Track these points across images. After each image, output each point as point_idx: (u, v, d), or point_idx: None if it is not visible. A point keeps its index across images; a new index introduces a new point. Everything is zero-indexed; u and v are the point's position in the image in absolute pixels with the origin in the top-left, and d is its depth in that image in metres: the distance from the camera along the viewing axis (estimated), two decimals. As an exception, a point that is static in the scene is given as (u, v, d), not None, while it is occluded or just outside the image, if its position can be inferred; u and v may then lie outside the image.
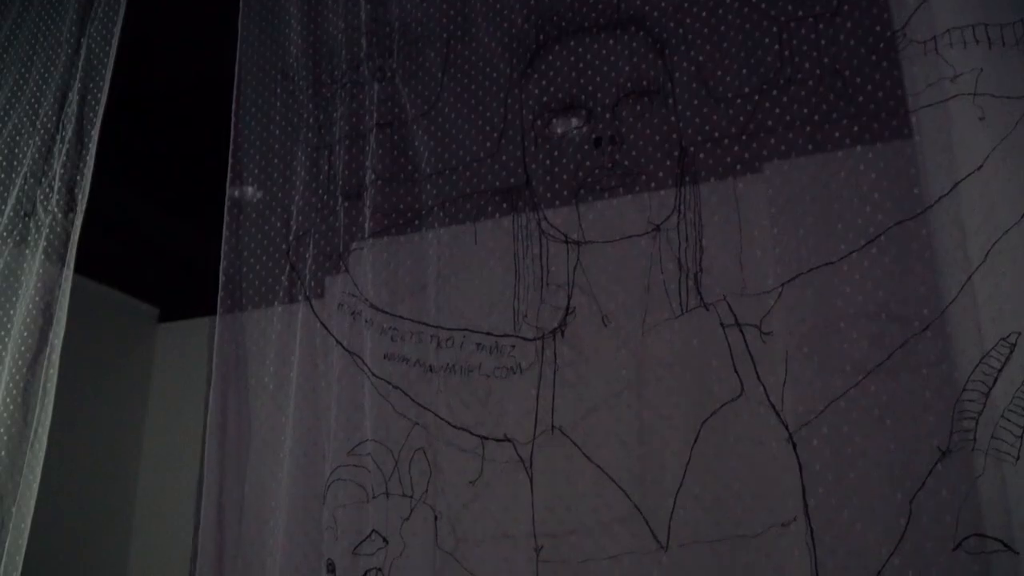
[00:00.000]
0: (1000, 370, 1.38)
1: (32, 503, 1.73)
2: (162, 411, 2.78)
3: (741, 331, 1.55)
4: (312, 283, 1.87)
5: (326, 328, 1.84)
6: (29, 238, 1.87)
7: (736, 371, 1.54)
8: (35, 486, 1.74)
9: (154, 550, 2.62)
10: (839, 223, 1.53)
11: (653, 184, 1.67)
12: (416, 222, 1.84)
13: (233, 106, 2.01)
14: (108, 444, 2.67)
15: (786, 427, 1.48)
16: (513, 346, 1.69)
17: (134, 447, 2.75)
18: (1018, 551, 1.31)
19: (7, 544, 1.71)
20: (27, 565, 1.72)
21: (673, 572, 1.48)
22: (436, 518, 1.65)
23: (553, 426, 1.62)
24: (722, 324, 1.57)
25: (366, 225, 1.85)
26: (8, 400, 1.79)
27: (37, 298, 1.84)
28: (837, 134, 1.56)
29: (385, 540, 1.66)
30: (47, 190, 1.89)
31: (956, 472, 1.37)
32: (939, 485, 1.38)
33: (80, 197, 1.86)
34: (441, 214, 1.82)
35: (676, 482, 1.52)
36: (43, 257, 1.85)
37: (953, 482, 1.37)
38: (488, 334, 1.72)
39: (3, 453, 1.77)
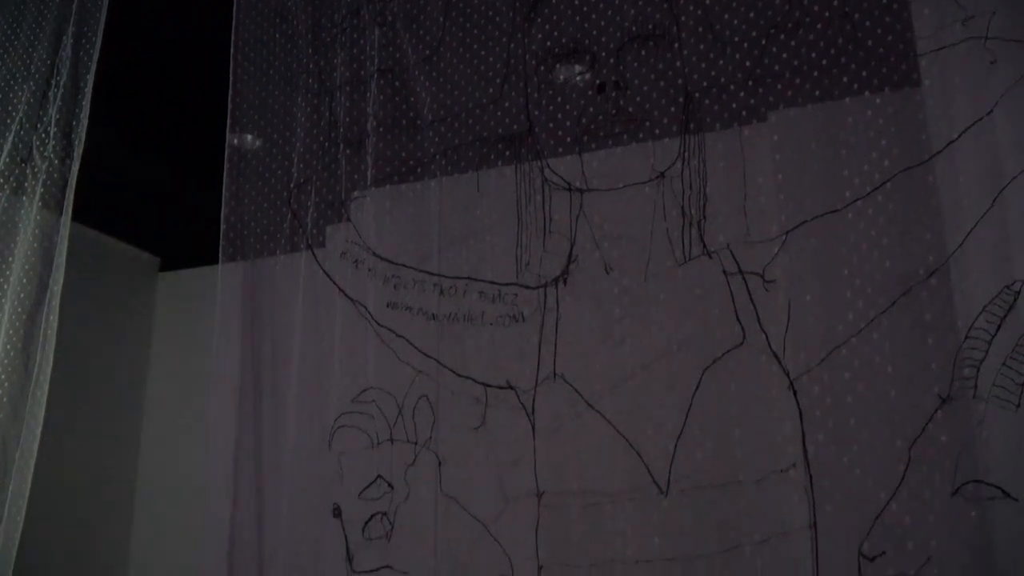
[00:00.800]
0: (1003, 318, 1.38)
1: (35, 447, 1.74)
2: (165, 360, 2.79)
3: (744, 279, 1.55)
4: (314, 231, 1.86)
5: (329, 276, 1.83)
6: (26, 184, 1.85)
7: (738, 319, 1.54)
8: (38, 431, 1.75)
9: (159, 497, 2.65)
10: (845, 170, 1.51)
11: (657, 131, 1.66)
12: (419, 170, 1.83)
13: (231, 50, 1.98)
14: (112, 392, 2.69)
15: (787, 375, 1.48)
16: (515, 294, 1.69)
17: (138, 395, 2.76)
18: (1017, 498, 1.32)
19: (11, 489, 1.73)
20: (30, 511, 1.75)
21: (673, 516, 1.50)
22: (440, 464, 1.67)
23: (555, 373, 1.62)
24: (725, 272, 1.56)
25: (368, 173, 1.84)
26: (9, 347, 1.80)
27: (36, 245, 1.83)
28: (845, 79, 1.53)
29: (390, 485, 1.68)
30: (43, 136, 1.87)
31: (956, 419, 1.38)
32: (939, 432, 1.39)
33: (77, 143, 1.84)
34: (443, 162, 1.80)
35: (677, 428, 1.53)
36: (40, 204, 1.84)
37: (953, 429, 1.38)
38: (491, 282, 1.72)
39: (5, 399, 1.78)
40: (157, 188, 2.70)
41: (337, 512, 1.70)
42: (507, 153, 1.77)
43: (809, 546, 1.41)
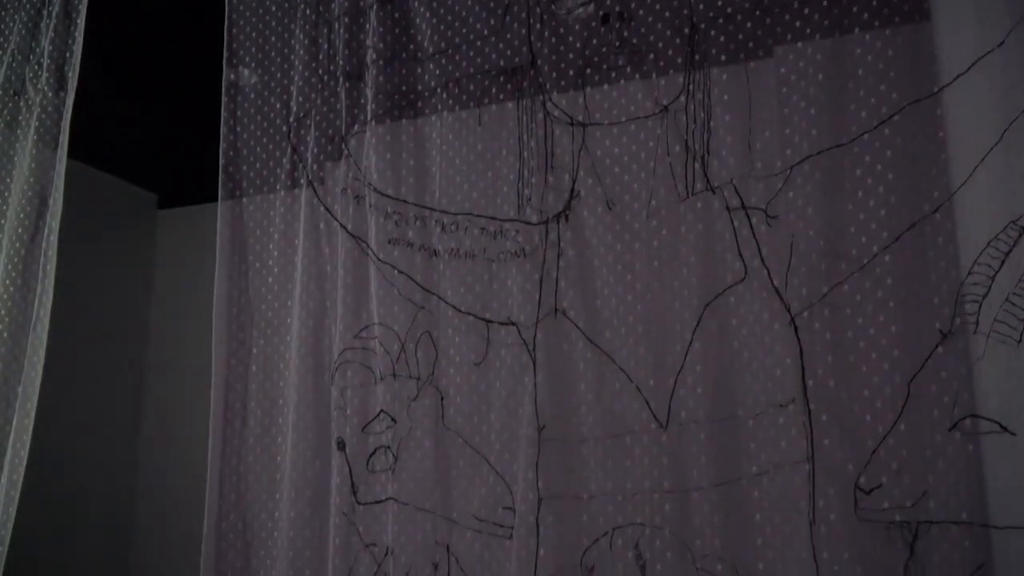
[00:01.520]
0: (1008, 253, 1.37)
1: (37, 383, 1.76)
2: (166, 298, 2.79)
3: (747, 214, 1.54)
4: (315, 167, 1.85)
5: (330, 212, 1.82)
6: (20, 118, 1.83)
7: (740, 255, 1.53)
8: (39, 367, 1.76)
9: (164, 432, 2.68)
10: (852, 104, 1.49)
11: (662, 63, 1.63)
12: (419, 104, 1.81)
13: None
14: (113, 330, 2.70)
15: (788, 310, 1.49)
16: (517, 231, 1.68)
17: (140, 333, 2.78)
18: (1015, 432, 1.34)
19: (14, 424, 1.74)
20: (34, 446, 1.77)
21: (672, 451, 1.52)
22: (442, 399, 1.69)
23: (556, 309, 1.63)
24: (728, 208, 1.55)
25: (368, 107, 1.82)
26: (8, 283, 1.80)
27: (32, 179, 1.81)
28: (855, 10, 1.50)
29: (393, 419, 1.69)
30: (36, 68, 1.84)
31: (956, 354, 1.39)
32: (938, 367, 1.40)
33: (70, 75, 1.81)
34: (445, 95, 1.77)
35: (677, 364, 1.54)
36: (35, 138, 1.82)
37: (953, 364, 1.39)
38: (492, 218, 1.71)
39: (5, 335, 1.79)
40: (154, 125, 2.67)
41: (341, 446, 1.72)
42: (508, 87, 1.74)
43: (806, 479, 1.43)
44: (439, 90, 1.78)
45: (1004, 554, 1.32)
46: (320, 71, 1.87)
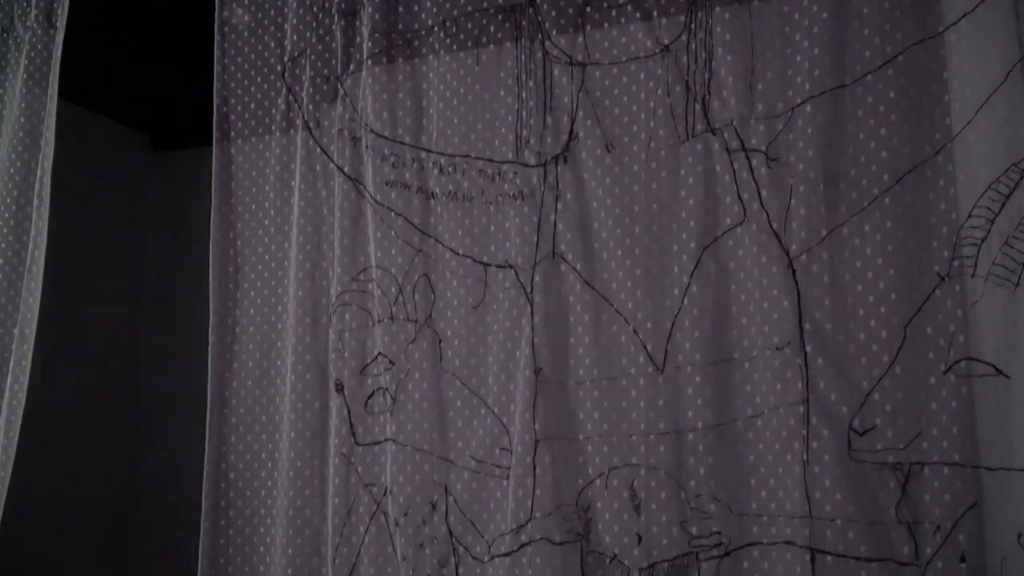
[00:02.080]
0: (1008, 196, 1.36)
1: (33, 325, 1.76)
2: (161, 241, 2.78)
3: (747, 156, 1.52)
4: (310, 107, 1.82)
5: (326, 154, 1.81)
6: (9, 56, 1.80)
7: (740, 198, 1.52)
8: (35, 308, 1.76)
9: (160, 373, 2.69)
10: (856, 43, 1.47)
11: (663, 2, 1.60)
12: (416, 43, 1.77)
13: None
14: (108, 273, 2.69)
15: (787, 253, 1.48)
16: (515, 173, 1.67)
17: (135, 275, 2.77)
18: (1009, 375, 1.34)
19: (11, 366, 1.75)
20: (30, 392, 1.78)
21: (668, 393, 1.53)
22: (440, 341, 1.69)
23: (554, 252, 1.62)
24: (728, 150, 1.54)
25: (364, 46, 1.78)
26: (0, 224, 1.79)
27: (23, 119, 1.79)
28: (860, -53, 1.47)
29: (391, 362, 1.70)
30: (24, 4, 1.80)
31: (953, 297, 1.39)
32: (935, 310, 1.40)
33: (60, 12, 1.78)
34: (442, 35, 1.74)
35: (674, 307, 1.54)
36: (25, 76, 1.79)
37: (950, 307, 1.39)
38: (490, 160, 1.69)
39: None
40: (147, 65, 2.62)
41: (339, 388, 1.73)
42: (507, 26, 1.71)
43: (800, 421, 1.44)
44: (436, 29, 1.75)
45: (995, 495, 1.34)
46: (315, 8, 1.84)
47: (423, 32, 1.76)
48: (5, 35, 1.79)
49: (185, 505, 1.93)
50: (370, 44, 1.77)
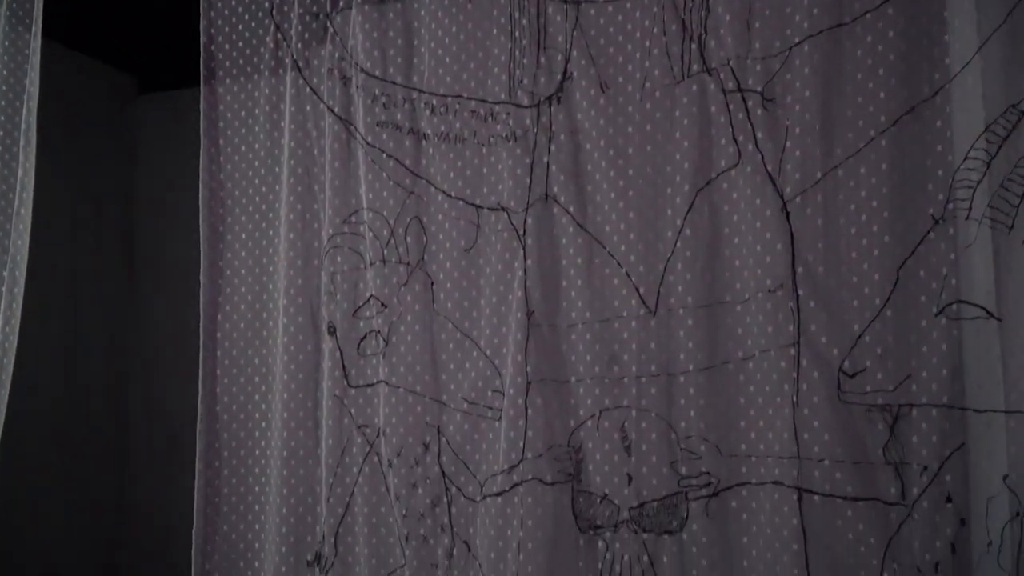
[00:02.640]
0: (1005, 138, 1.35)
1: (23, 267, 1.75)
2: (150, 184, 2.75)
3: (743, 97, 1.50)
4: (299, 46, 1.79)
5: (316, 94, 1.78)
6: (-9, -4, 1.76)
7: (735, 139, 1.50)
8: (24, 250, 1.75)
9: (151, 314, 2.68)
10: (856, -20, 1.44)
11: (659, -63, 1.56)
12: (407, -21, 1.73)
13: None
14: (96, 218, 2.67)
15: (781, 196, 1.47)
16: (508, 113, 1.64)
17: (125, 218, 2.75)
18: (1000, 318, 1.35)
19: (1, 309, 1.74)
20: (22, 344, 1.77)
21: (660, 336, 1.53)
22: (432, 284, 1.69)
23: (547, 195, 1.61)
24: (724, 90, 1.52)
25: (354, -22, 1.74)
26: (-13, 167, 1.77)
27: (6, 58, 1.75)
28: None
29: (383, 305, 1.70)
30: (6, -60, 1.75)
31: (947, 240, 1.39)
32: (928, 253, 1.40)
33: (43, -51, 1.73)
34: (433, -29, 1.70)
35: (667, 250, 1.54)
36: (8, 15, 1.75)
37: (943, 250, 1.39)
38: (482, 101, 1.67)
39: None
40: (132, 5, 2.56)
41: (332, 330, 1.73)
42: (500, -39, 1.67)
43: (791, 363, 1.45)
44: (427, -39, 1.71)
45: (983, 436, 1.36)
46: (302, -59, 1.79)
47: (414, -35, 1.72)
48: (-15, -26, 1.75)
49: (180, 446, 1.94)
50: (361, -22, 1.73)
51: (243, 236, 1.84)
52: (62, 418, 2.47)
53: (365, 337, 1.72)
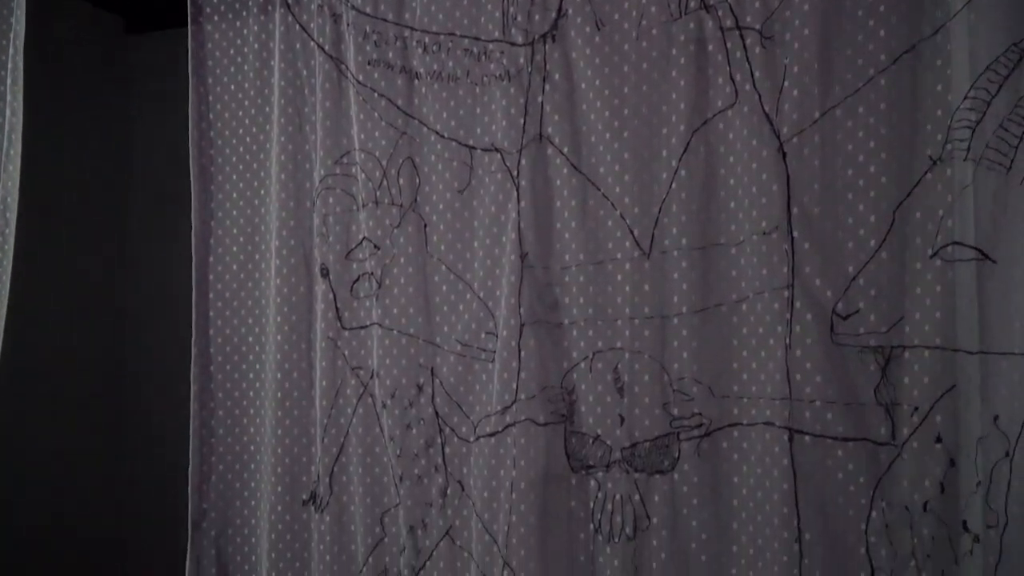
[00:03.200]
0: (1006, 77, 1.33)
1: (15, 208, 1.73)
2: (140, 125, 2.71)
3: (741, 35, 1.47)
4: (288, -21, 1.75)
5: (306, 32, 1.74)
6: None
7: (732, 78, 1.48)
8: (15, 192, 1.73)
9: (145, 259, 2.67)
10: (859, -87, 1.40)
11: None
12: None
13: None
14: (84, 160, 2.63)
15: (778, 136, 1.45)
16: (502, 52, 1.61)
17: (113, 164, 2.72)
18: (996, 260, 1.34)
19: None
20: (13, 286, 1.76)
21: (654, 278, 1.53)
22: (425, 226, 1.67)
23: (541, 135, 1.59)
24: (722, 28, 1.49)
25: (343, -86, 1.70)
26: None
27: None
28: None
29: (376, 247, 1.69)
30: None
31: (944, 181, 1.37)
32: (925, 194, 1.39)
33: None
34: (425, -96, 1.66)
35: (662, 191, 1.53)
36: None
37: (940, 192, 1.37)
38: (476, 39, 1.63)
39: None
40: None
41: (324, 272, 1.73)
42: None
43: (784, 305, 1.44)
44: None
45: (975, 378, 1.36)
46: None
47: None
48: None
49: (175, 388, 1.94)
50: (350, -88, 1.69)
51: (234, 177, 1.82)
52: (57, 358, 2.47)
53: (358, 279, 1.71)
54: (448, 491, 1.66)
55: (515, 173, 1.60)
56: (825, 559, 1.41)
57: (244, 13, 1.80)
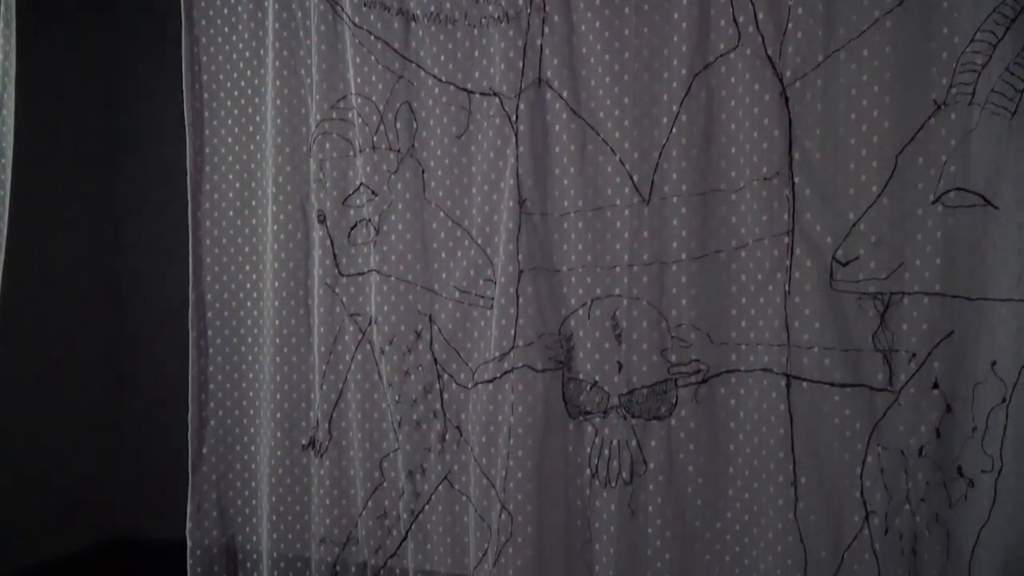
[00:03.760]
0: (1013, 20, 1.30)
1: (10, 154, 1.71)
2: (132, 72, 2.67)
3: (745, -25, 1.44)
4: (280, -82, 1.71)
5: (299, -31, 1.71)
6: None
7: (735, 20, 1.45)
8: (10, 137, 1.71)
9: (140, 201, 2.65)
10: None
11: None
12: None
13: None
14: (77, 109, 2.59)
15: (781, 80, 1.43)
16: (500, -7, 1.58)
17: (106, 110, 2.68)
18: (998, 206, 1.33)
19: None
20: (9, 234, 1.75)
21: (653, 224, 1.52)
22: (423, 172, 1.66)
23: (540, 79, 1.56)
24: (725, -33, 1.46)
25: None
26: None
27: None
28: None
29: (374, 193, 1.67)
30: None
31: (948, 126, 1.35)
32: (929, 139, 1.37)
33: None
34: None
35: (663, 136, 1.51)
36: None
37: (944, 136, 1.35)
38: (474, -22, 1.60)
39: None
40: None
41: (322, 218, 1.71)
42: None
43: (784, 252, 1.44)
44: None
45: (972, 324, 1.36)
46: None
47: None
48: None
49: (174, 334, 1.94)
50: None
51: (229, 122, 1.79)
52: (52, 305, 2.47)
53: (355, 226, 1.70)
54: (447, 436, 1.67)
55: (514, 118, 1.58)
56: (820, 503, 1.43)
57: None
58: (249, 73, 1.78)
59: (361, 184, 1.68)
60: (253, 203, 1.79)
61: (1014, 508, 1.32)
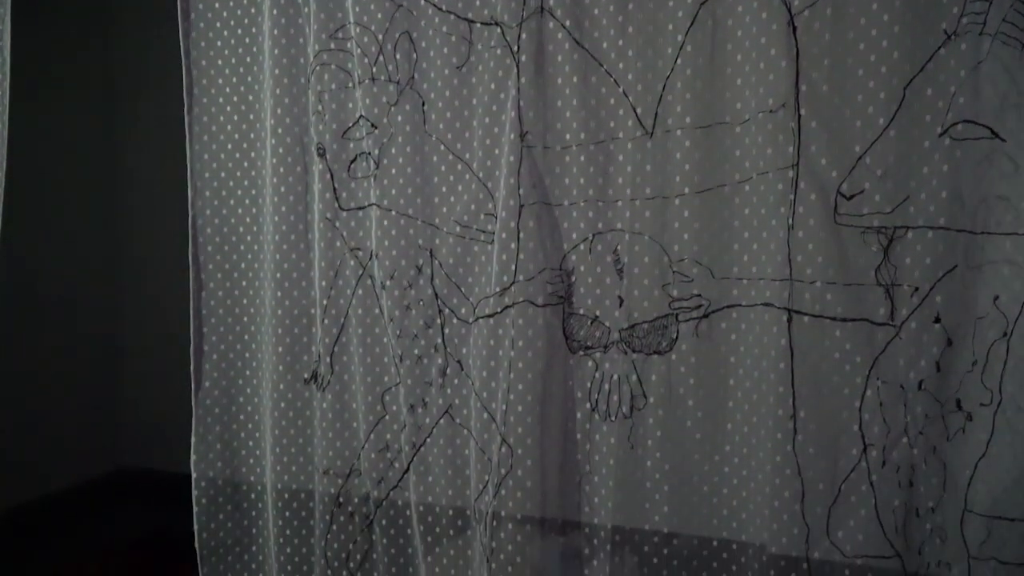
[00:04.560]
0: (1029, -55, 1.27)
1: (5, 117, 1.69)
2: (129, 38, 2.63)
3: (754, -97, 1.40)
4: None
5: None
6: None
7: (743, -53, 1.42)
8: (6, 101, 1.69)
9: (140, 143, 2.63)
10: None
11: None
12: None
13: None
14: (76, 63, 2.56)
15: (789, 9, 1.40)
16: (502, -81, 1.54)
17: (104, 56, 2.65)
18: (1005, 139, 1.31)
19: None
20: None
21: (656, 157, 1.50)
22: (423, 104, 1.63)
23: (542, 8, 1.53)
24: None
25: None
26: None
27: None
28: None
29: (373, 125, 1.65)
30: None
31: (958, 57, 1.33)
32: (938, 70, 1.34)
33: None
34: None
35: (667, 67, 1.48)
36: None
37: (953, 68, 1.33)
38: (475, -98, 1.55)
39: None
40: None
41: (321, 151, 1.69)
42: None
43: (788, 186, 1.42)
44: None
45: (976, 258, 1.35)
46: None
47: None
48: None
49: (173, 267, 1.94)
50: None
51: (225, 52, 1.76)
52: (53, 242, 2.47)
53: (355, 159, 1.68)
54: (447, 371, 1.67)
55: (515, 48, 1.55)
56: (818, 435, 1.44)
57: None
58: (246, 1, 1.74)
59: (361, 116, 1.65)
60: (251, 136, 1.76)
61: (1012, 440, 1.33)
